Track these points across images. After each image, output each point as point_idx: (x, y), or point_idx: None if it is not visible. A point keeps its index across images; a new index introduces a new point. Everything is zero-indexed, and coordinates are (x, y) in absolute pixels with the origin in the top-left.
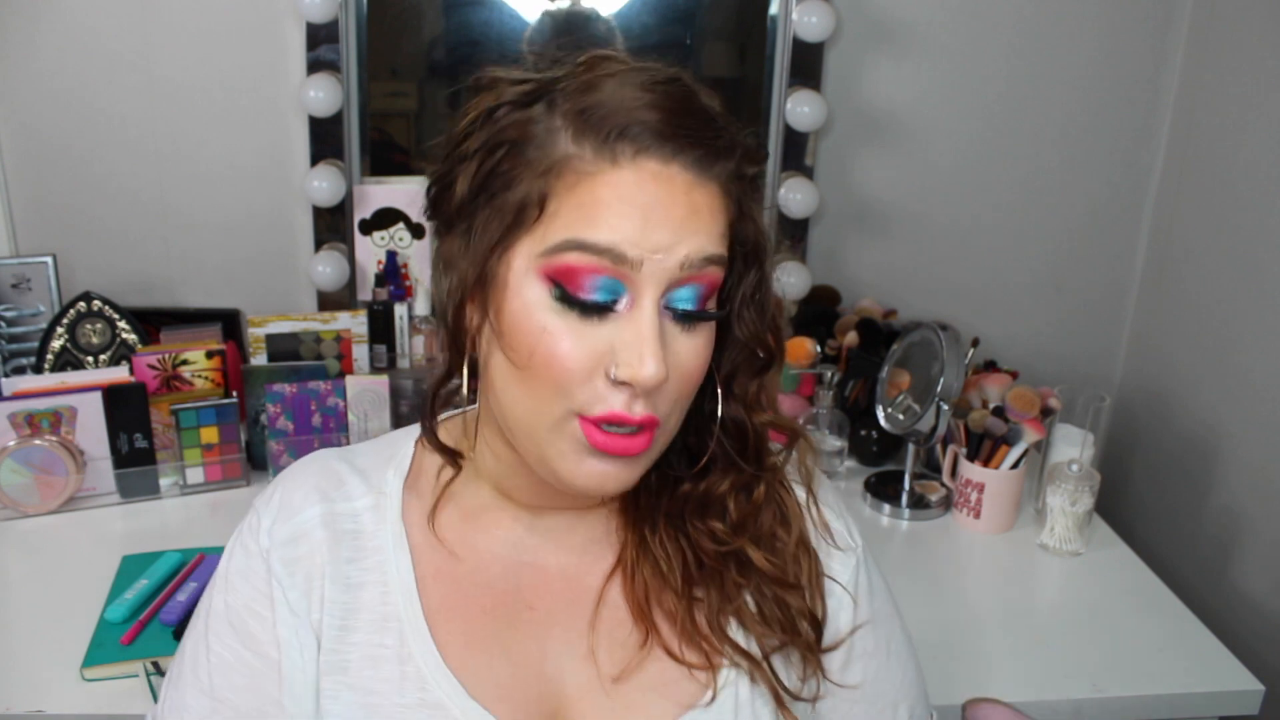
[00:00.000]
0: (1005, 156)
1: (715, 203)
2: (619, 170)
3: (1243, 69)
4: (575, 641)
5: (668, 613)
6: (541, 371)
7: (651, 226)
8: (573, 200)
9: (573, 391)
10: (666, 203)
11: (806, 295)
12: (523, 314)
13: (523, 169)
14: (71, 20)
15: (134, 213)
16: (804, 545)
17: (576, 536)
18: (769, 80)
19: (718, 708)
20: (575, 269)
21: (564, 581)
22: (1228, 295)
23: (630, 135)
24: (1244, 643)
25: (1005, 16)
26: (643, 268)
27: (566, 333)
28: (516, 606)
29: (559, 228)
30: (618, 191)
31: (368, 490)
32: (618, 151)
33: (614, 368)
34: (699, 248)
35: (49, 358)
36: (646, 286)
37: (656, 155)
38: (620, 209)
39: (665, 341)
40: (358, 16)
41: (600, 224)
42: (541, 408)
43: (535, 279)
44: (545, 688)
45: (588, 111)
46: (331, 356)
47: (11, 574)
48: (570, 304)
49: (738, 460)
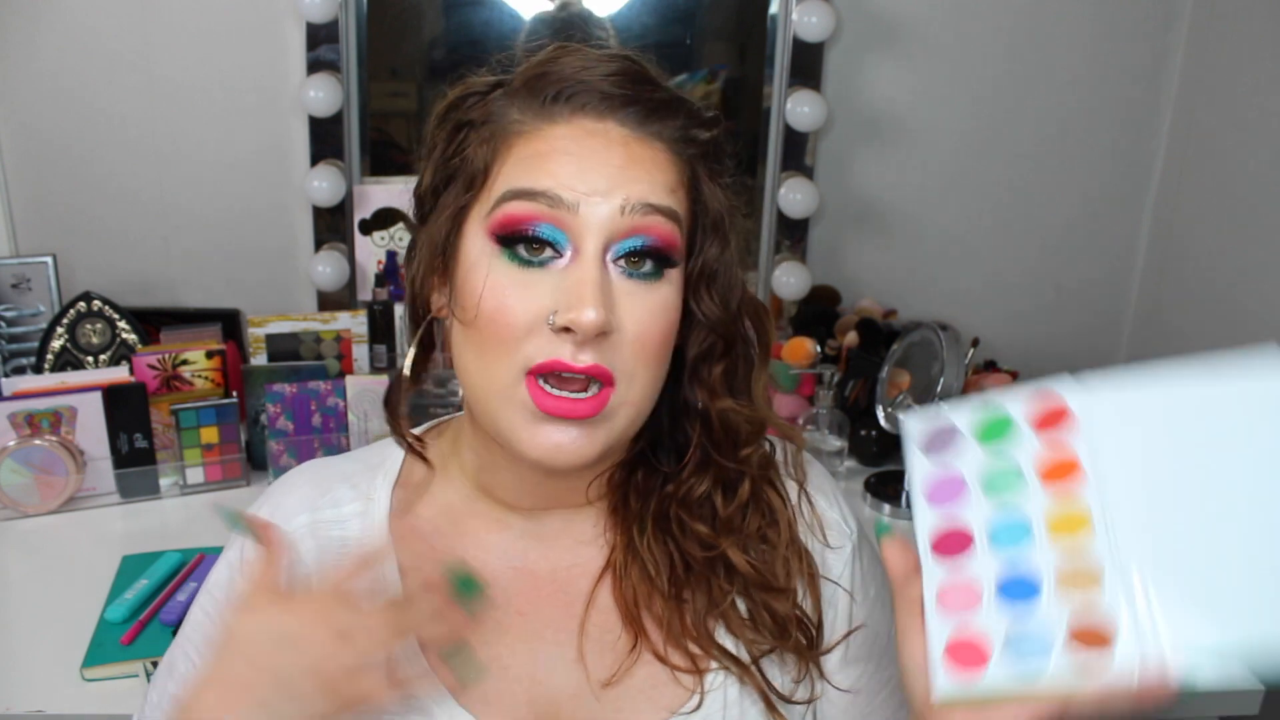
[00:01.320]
0: (1005, 156)
1: (659, 157)
2: (555, 126)
3: (1243, 68)
4: (565, 645)
5: (656, 616)
6: (487, 325)
7: (587, 171)
8: (512, 159)
9: (518, 344)
10: (603, 151)
11: (806, 295)
12: (470, 271)
13: (473, 143)
14: (72, 20)
15: (134, 213)
16: (794, 546)
17: (566, 539)
18: (769, 80)
19: (705, 711)
20: (515, 216)
21: (553, 586)
22: (1228, 295)
23: (567, 94)
24: None
25: (1005, 16)
26: (579, 210)
27: (510, 284)
28: (506, 612)
29: (500, 184)
30: (553, 144)
31: (355, 497)
32: (555, 111)
33: (554, 315)
34: (639, 194)
35: (49, 358)
36: (587, 234)
37: (593, 112)
38: (555, 158)
39: (616, 296)
40: (358, 16)
41: (536, 172)
42: (492, 370)
43: (483, 239)
44: (536, 691)
45: (533, 81)
46: (331, 356)
47: (11, 574)
48: (513, 257)
49: (713, 454)
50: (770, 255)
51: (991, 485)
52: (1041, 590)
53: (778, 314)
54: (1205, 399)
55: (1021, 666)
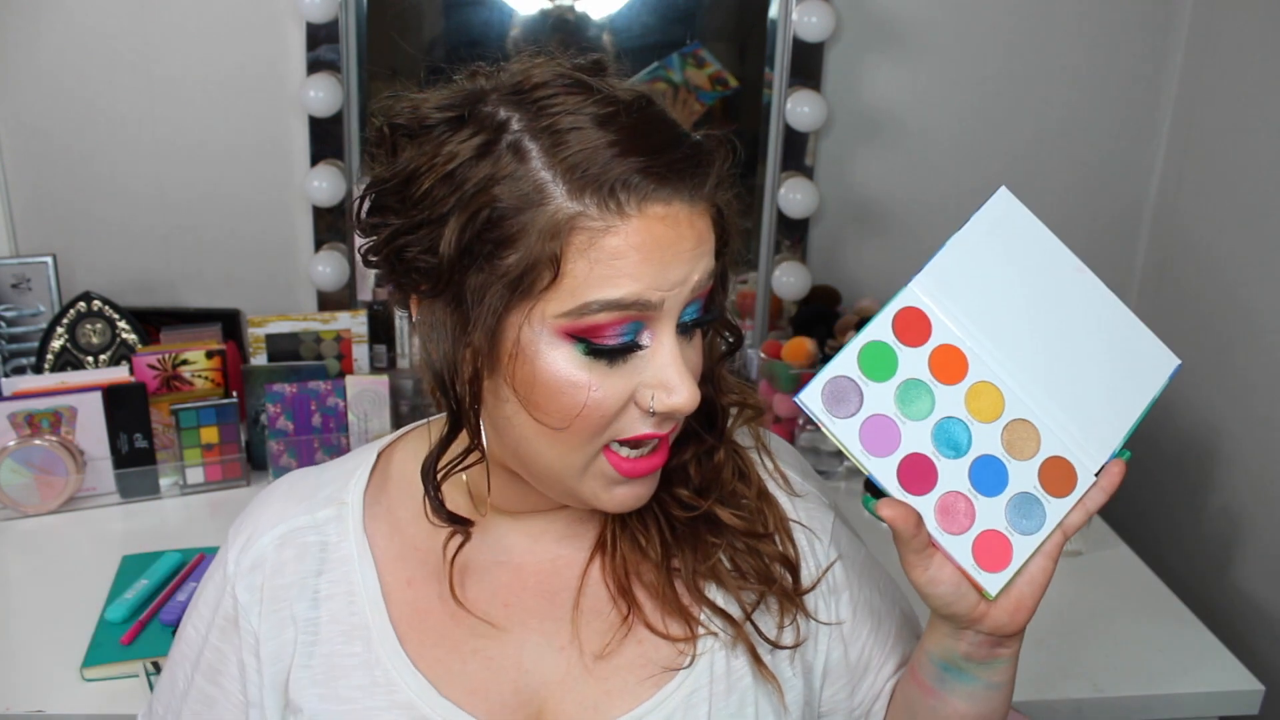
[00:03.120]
0: (1005, 156)
1: (709, 221)
2: (627, 221)
3: (1243, 69)
4: (554, 632)
5: (648, 586)
6: (576, 421)
7: (668, 267)
8: (588, 259)
9: (607, 429)
10: (675, 240)
11: (806, 295)
12: (553, 375)
13: (518, 233)
14: (72, 20)
15: (134, 213)
16: (764, 495)
17: (554, 531)
18: (769, 80)
19: (696, 675)
20: (603, 325)
21: (540, 577)
22: (1228, 295)
23: (630, 185)
24: (1244, 643)
25: (1005, 16)
26: (664, 306)
27: (599, 382)
28: (492, 605)
29: (579, 288)
30: (630, 241)
31: (329, 502)
32: (623, 202)
33: (650, 401)
34: (706, 270)
35: (49, 358)
36: (666, 317)
37: (658, 198)
38: (636, 259)
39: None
40: (358, 16)
41: (622, 278)
42: (572, 456)
43: (557, 339)
44: (523, 680)
45: (577, 167)
46: (331, 356)
47: (11, 574)
48: (599, 354)
49: (701, 433)
50: (770, 255)
51: (910, 409)
52: (1006, 468)
53: (777, 314)
54: (980, 245)
55: (1030, 531)
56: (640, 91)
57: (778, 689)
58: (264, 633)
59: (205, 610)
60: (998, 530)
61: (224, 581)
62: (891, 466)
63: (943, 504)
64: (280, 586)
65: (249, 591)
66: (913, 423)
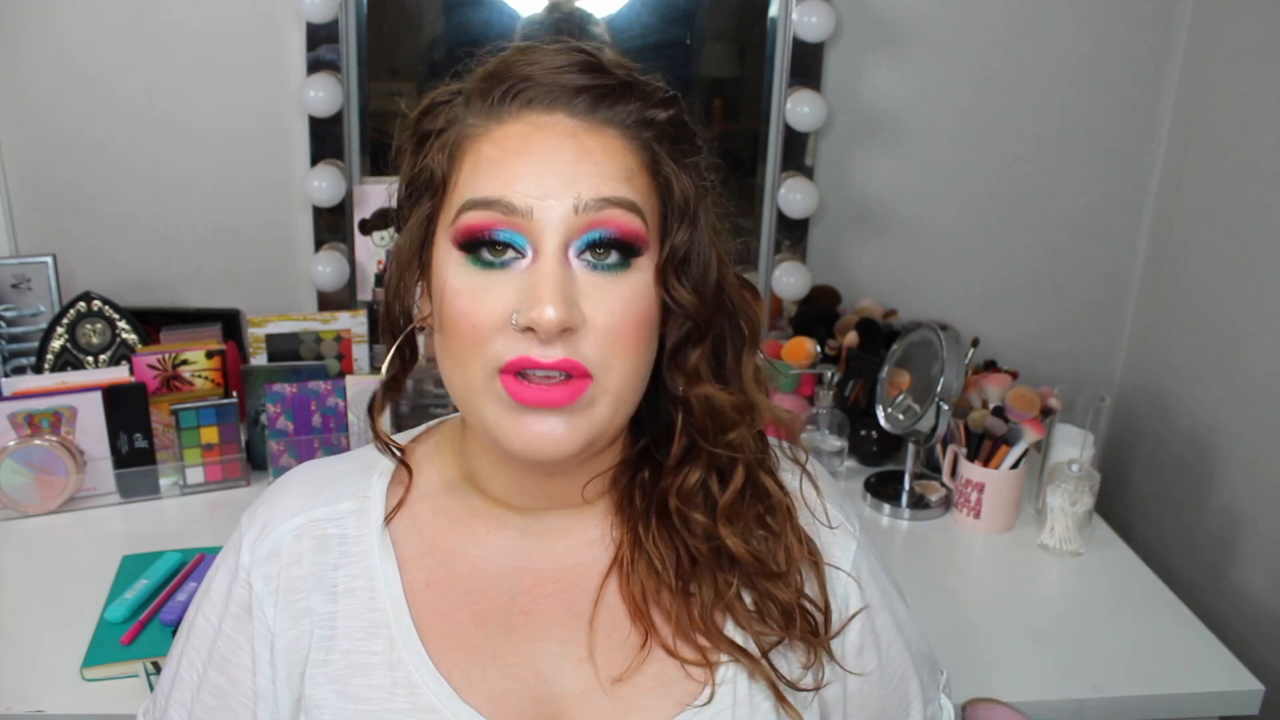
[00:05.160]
0: (1005, 156)
1: (612, 145)
2: (504, 125)
3: (1243, 69)
4: (572, 643)
5: (665, 611)
6: (455, 328)
7: (539, 173)
8: (468, 165)
9: (486, 344)
10: (551, 149)
11: (806, 295)
12: (444, 283)
13: (433, 152)
14: (71, 21)
15: (134, 213)
16: (795, 531)
17: (571, 539)
18: (769, 80)
19: (716, 705)
20: (473, 227)
21: (559, 585)
22: (1228, 295)
23: (515, 91)
24: (1244, 643)
25: (1005, 17)
26: (533, 215)
27: (474, 288)
28: (511, 611)
29: (459, 194)
30: (503, 145)
31: (350, 495)
32: (504, 110)
33: (515, 315)
34: (591, 190)
35: (49, 358)
36: (545, 235)
37: (540, 106)
38: (504, 160)
39: (583, 290)
40: (358, 16)
41: (487, 179)
42: (467, 370)
43: (451, 250)
44: (542, 690)
45: (485, 81)
46: (331, 356)
47: (11, 574)
48: (476, 261)
49: (699, 440)
50: (770, 255)
51: None
52: None
53: (777, 314)
54: None
55: None
56: (585, 45)
57: (796, 718)
58: (279, 625)
59: (217, 599)
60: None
61: (237, 569)
62: None
63: None
64: (296, 578)
65: (264, 581)
66: None
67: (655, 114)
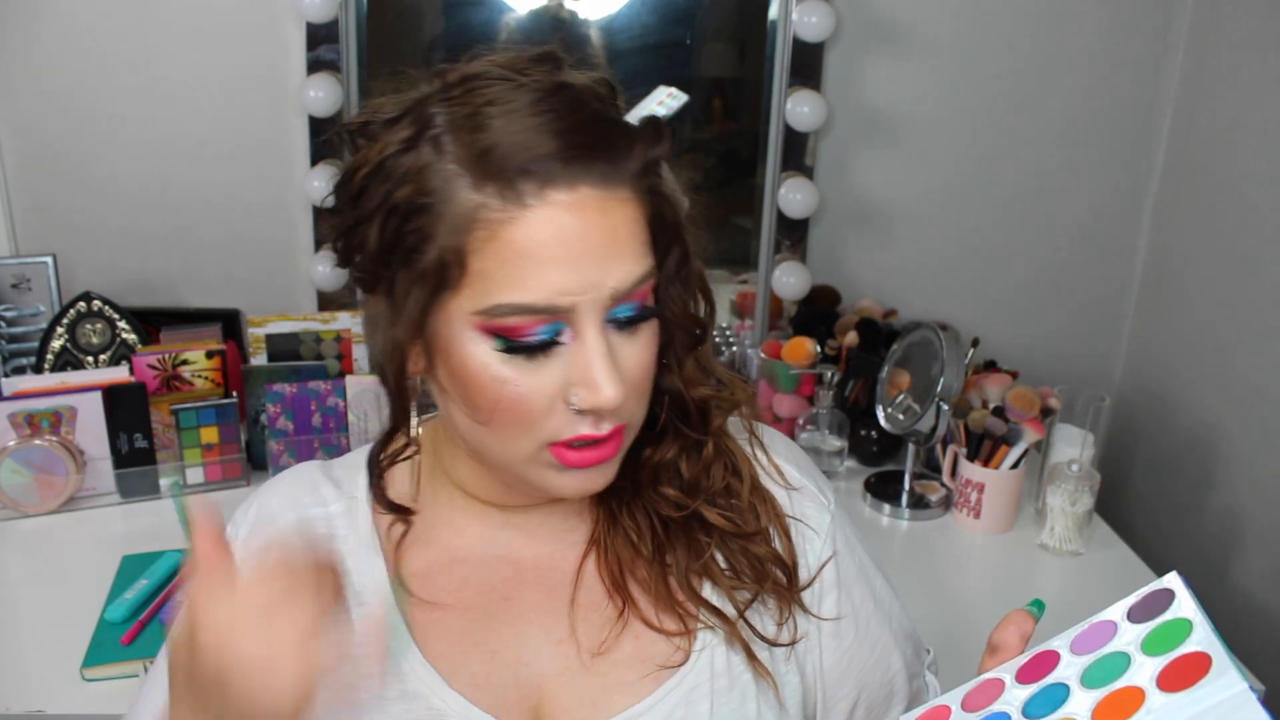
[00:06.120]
0: (1005, 156)
1: (629, 211)
2: (529, 211)
3: (1243, 69)
4: (553, 626)
5: (642, 582)
6: (506, 419)
7: (577, 268)
8: (492, 254)
9: (539, 427)
10: (584, 234)
11: (806, 295)
12: (474, 371)
13: (431, 227)
14: (71, 20)
15: (134, 213)
16: (758, 491)
17: (549, 525)
18: (769, 80)
19: (695, 672)
20: (513, 328)
21: (538, 571)
22: (1227, 295)
23: (531, 170)
24: (1244, 643)
25: (1005, 17)
26: (577, 309)
27: (520, 378)
28: (492, 599)
29: (488, 289)
30: (534, 235)
31: (340, 496)
32: (523, 192)
33: (574, 398)
34: (627, 275)
35: (49, 358)
36: (586, 317)
37: (561, 182)
38: (541, 258)
39: (615, 356)
40: (358, 16)
41: (528, 281)
42: (512, 448)
43: (475, 334)
44: (523, 673)
45: (484, 154)
46: (331, 356)
47: (11, 574)
48: (516, 351)
49: (684, 430)
50: (770, 255)
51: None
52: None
53: (777, 314)
54: None
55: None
56: (558, 78)
57: (773, 685)
58: None
59: None
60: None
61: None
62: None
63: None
64: None
65: None
66: None
67: (652, 154)
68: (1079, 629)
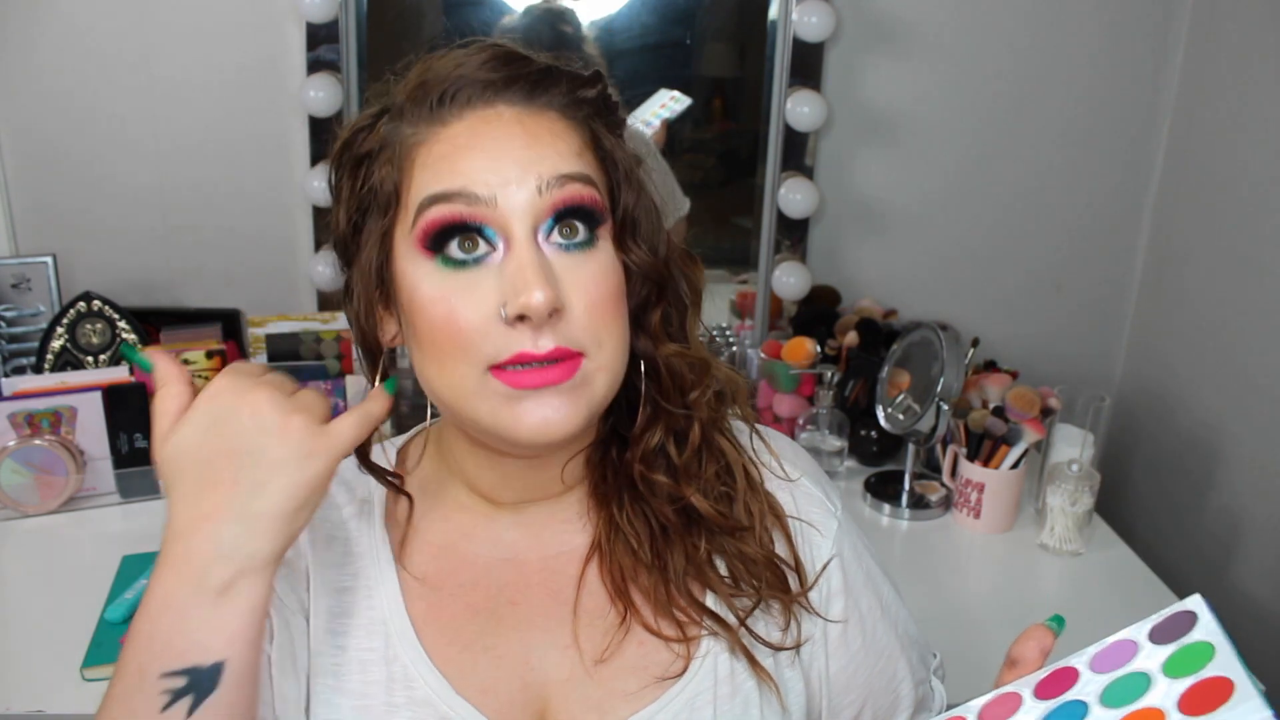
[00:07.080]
0: (1005, 156)
1: (556, 125)
2: (449, 126)
3: (1243, 69)
4: (557, 631)
5: (644, 589)
6: (440, 334)
7: (495, 161)
8: (419, 169)
9: (477, 347)
10: (502, 138)
11: (806, 295)
12: (416, 298)
13: (379, 172)
14: (71, 20)
15: (134, 213)
16: (752, 488)
17: (551, 528)
18: (769, 80)
19: (698, 679)
20: (437, 220)
21: (543, 575)
22: (1228, 295)
23: (451, 93)
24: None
25: (1005, 17)
26: (498, 203)
27: (451, 289)
28: (499, 603)
29: (415, 195)
30: (453, 143)
31: (351, 499)
32: (445, 113)
33: (503, 308)
34: (550, 169)
35: (49, 358)
36: (513, 222)
37: (480, 101)
38: (460, 155)
39: (558, 274)
40: (358, 16)
41: (446, 173)
42: (458, 377)
43: (416, 255)
44: (529, 677)
45: (415, 93)
46: (331, 356)
47: (11, 574)
48: (447, 262)
49: (661, 402)
50: (770, 255)
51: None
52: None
53: (777, 314)
54: None
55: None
56: (496, 39)
57: (776, 691)
58: (280, 625)
59: None
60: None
61: None
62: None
63: None
64: (299, 568)
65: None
66: None
67: (585, 92)
68: (1099, 647)
